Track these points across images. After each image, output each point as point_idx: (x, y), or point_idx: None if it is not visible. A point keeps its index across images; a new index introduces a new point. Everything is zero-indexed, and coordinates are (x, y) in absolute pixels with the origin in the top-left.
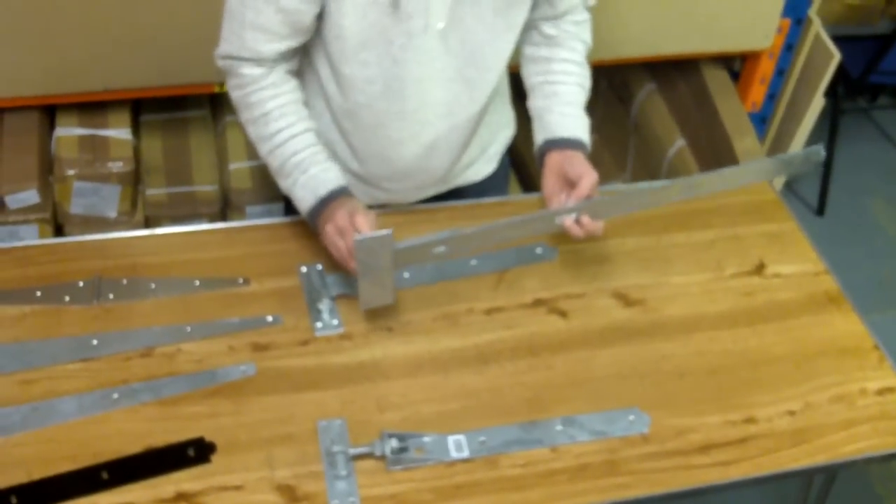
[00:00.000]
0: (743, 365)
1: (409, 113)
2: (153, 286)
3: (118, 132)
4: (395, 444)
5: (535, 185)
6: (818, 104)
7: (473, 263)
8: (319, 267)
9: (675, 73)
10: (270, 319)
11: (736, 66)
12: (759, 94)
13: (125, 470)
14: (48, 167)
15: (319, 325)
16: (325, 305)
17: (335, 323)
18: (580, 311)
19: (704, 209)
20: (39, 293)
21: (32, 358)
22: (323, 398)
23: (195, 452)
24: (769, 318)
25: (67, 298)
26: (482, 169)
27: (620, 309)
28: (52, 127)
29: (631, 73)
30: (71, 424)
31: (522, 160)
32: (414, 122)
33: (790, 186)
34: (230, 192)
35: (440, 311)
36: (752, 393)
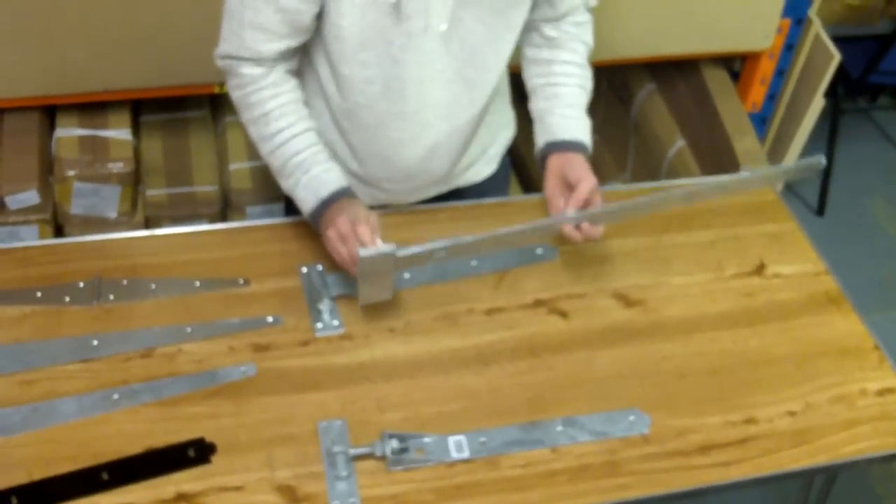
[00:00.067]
0: (743, 365)
1: (409, 114)
2: (153, 287)
3: (118, 133)
4: (395, 444)
5: (535, 185)
6: (818, 104)
7: (474, 264)
8: (320, 267)
9: (675, 73)
10: (271, 320)
11: (736, 66)
12: (759, 94)
13: (125, 470)
14: (48, 168)
15: (320, 325)
16: (325, 306)
17: (335, 323)
18: (581, 311)
19: (705, 209)
20: (40, 294)
21: (33, 358)
22: (323, 399)
23: (195, 453)
24: (769, 318)
25: (68, 299)
26: (483, 170)
27: (621, 309)
28: (52, 127)
29: (631, 73)
30: (71, 425)
31: (523, 161)
32: (414, 123)
33: (790, 187)
34: (230, 192)
35: (441, 311)
36: (752, 393)
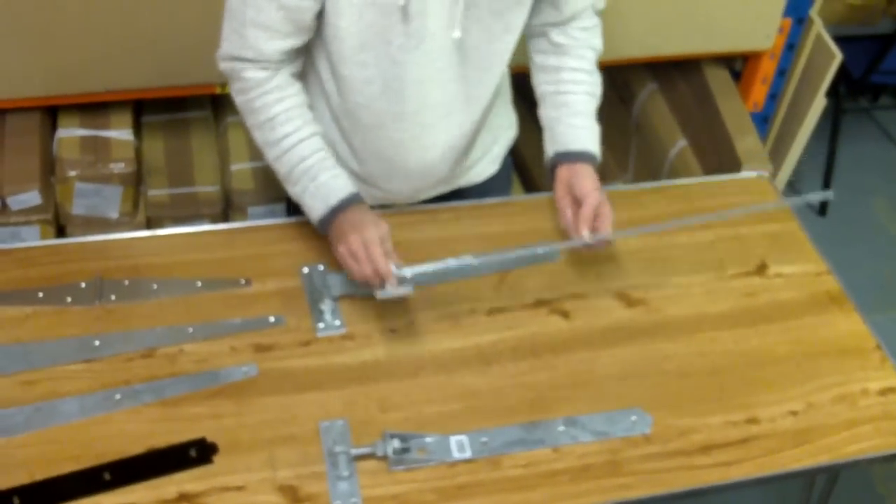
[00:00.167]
0: (745, 365)
1: (408, 114)
2: (155, 287)
3: (120, 133)
4: (397, 444)
5: (537, 185)
6: (820, 104)
7: (475, 264)
8: (321, 267)
9: (676, 73)
10: (272, 320)
11: (737, 66)
12: (760, 94)
13: (127, 471)
14: (50, 168)
15: (321, 325)
16: (327, 306)
17: (337, 323)
18: (582, 311)
19: (706, 209)
20: (41, 294)
21: (34, 359)
22: (325, 399)
23: (197, 453)
24: (771, 318)
25: (69, 299)
26: (485, 170)
27: (622, 309)
28: (53, 128)
29: (632, 73)
30: (73, 425)
31: (524, 161)
32: (414, 123)
33: (792, 186)
34: (232, 192)
35: (442, 311)
36: (754, 393)
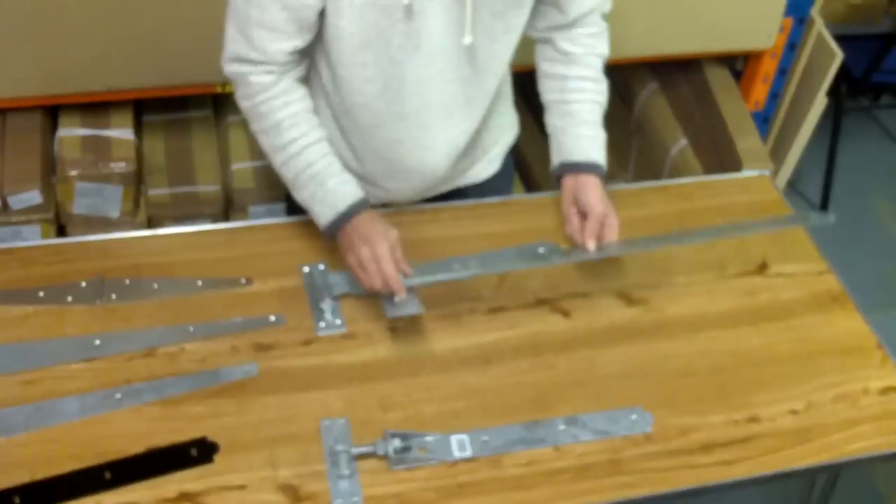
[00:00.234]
0: (746, 364)
1: (408, 115)
2: (156, 286)
3: (121, 132)
4: (397, 443)
5: (538, 184)
6: (821, 103)
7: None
8: (322, 266)
9: (677, 72)
10: (273, 319)
11: (738, 65)
12: (761, 93)
13: (128, 470)
14: (51, 167)
15: (322, 324)
16: (327, 305)
17: (338, 322)
18: (583, 310)
19: (707, 209)
20: (42, 293)
21: (35, 358)
22: (326, 398)
23: (198, 452)
24: (772, 317)
25: (70, 299)
26: (485, 169)
27: (623, 308)
28: (54, 127)
29: (633, 72)
30: (74, 424)
31: (525, 160)
32: (414, 124)
33: (793, 186)
34: (233, 192)
35: (443, 310)
36: (755, 392)
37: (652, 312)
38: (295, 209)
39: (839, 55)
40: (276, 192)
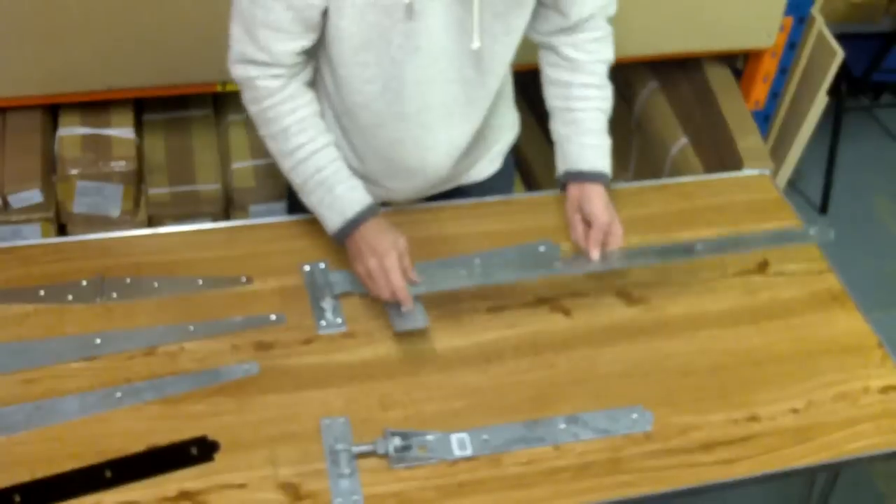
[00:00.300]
0: (746, 363)
1: (409, 115)
2: (156, 285)
3: (121, 131)
4: (398, 442)
5: (538, 183)
6: (821, 102)
7: (476, 262)
8: (322, 265)
9: (677, 71)
10: (273, 318)
11: (739, 64)
12: (761, 92)
13: (128, 468)
14: (51, 166)
15: (323, 323)
16: (328, 304)
17: (338, 321)
18: (583, 309)
19: (707, 207)
20: (42, 292)
21: (35, 357)
22: (326, 396)
23: (198, 451)
24: (772, 316)
25: (70, 297)
26: (486, 168)
27: (623, 307)
28: (55, 126)
29: (633, 71)
30: (74, 423)
31: (526, 159)
32: (415, 124)
33: (793, 185)
34: (233, 191)
35: (443, 309)
36: (755, 391)
37: (652, 311)
38: (296, 208)
39: (839, 54)
40: (276, 190)
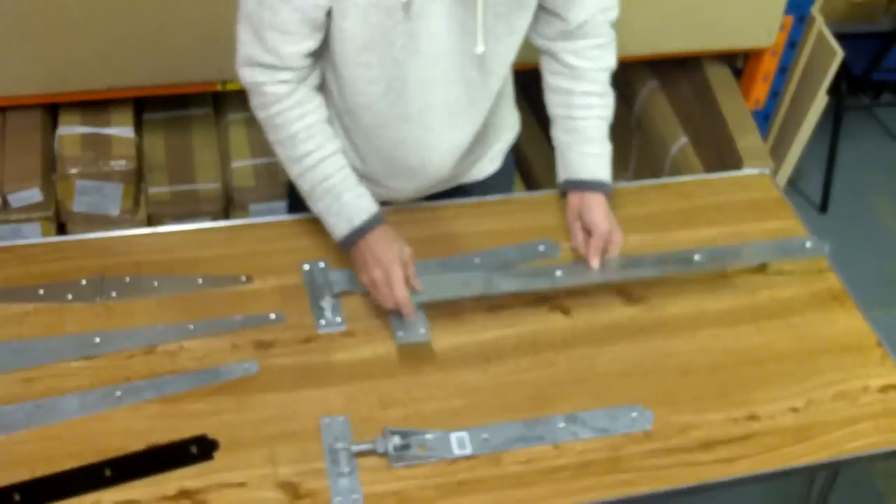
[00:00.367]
0: (746, 362)
1: (412, 116)
2: (156, 284)
3: (121, 130)
4: (397, 441)
5: (538, 183)
6: (821, 101)
7: (476, 261)
8: (322, 264)
9: (677, 70)
10: (273, 317)
11: (739, 63)
12: (761, 91)
13: (128, 467)
14: (51, 165)
15: (322, 322)
16: (327, 303)
17: (338, 320)
18: (583, 308)
19: (707, 206)
20: (42, 291)
21: (35, 356)
22: (326, 395)
23: (198, 450)
24: (772, 315)
25: (70, 296)
26: (486, 167)
27: (623, 306)
28: (54, 125)
29: (633, 70)
30: (74, 422)
31: (526, 159)
32: (418, 124)
33: (793, 184)
34: (233, 190)
35: (443, 308)
36: (754, 390)
37: (652, 310)
38: (297, 207)
39: (839, 53)
40: (276, 189)
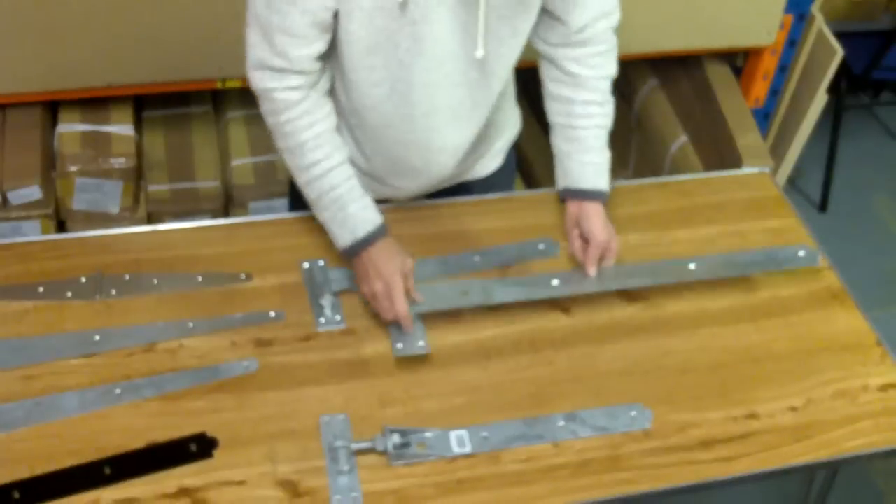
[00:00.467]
0: (745, 361)
1: (417, 117)
2: (155, 282)
3: (120, 128)
4: (397, 439)
5: (538, 181)
6: (821, 100)
7: (476, 260)
8: (322, 262)
9: (677, 68)
10: (273, 315)
11: (738, 61)
12: (761, 90)
13: (127, 465)
14: (50, 163)
15: (322, 320)
16: (327, 301)
17: (337, 318)
18: (583, 306)
19: (707, 205)
20: (42, 289)
21: (35, 353)
22: (325, 393)
23: (197, 448)
24: (771, 314)
25: (70, 294)
26: (488, 164)
27: (623, 305)
28: (54, 123)
29: (633, 69)
30: (73, 420)
31: (526, 157)
32: (423, 126)
33: (793, 183)
34: (232, 188)
35: None
36: (754, 389)
37: (652, 309)
38: (298, 205)
39: (839, 52)
40: (275, 187)
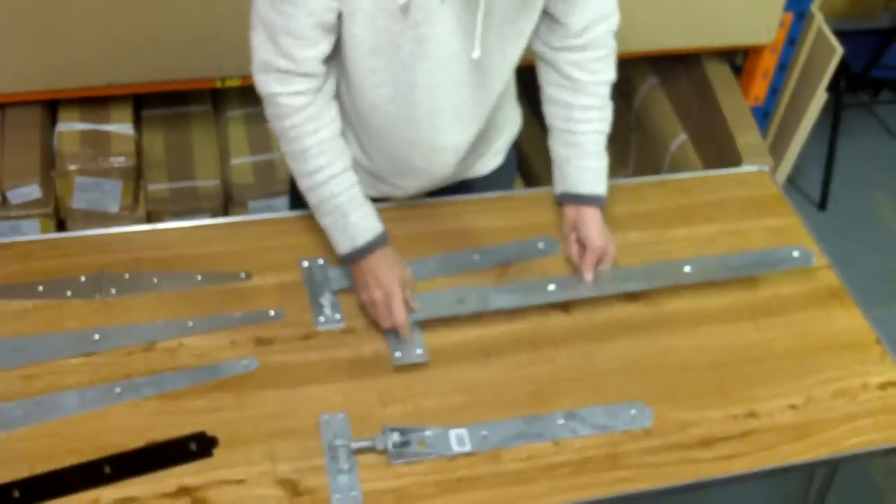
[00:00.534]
0: (745, 359)
1: (420, 118)
2: (155, 281)
3: (120, 127)
4: (396, 438)
5: (538, 180)
6: (820, 99)
7: (476, 258)
8: (321, 261)
9: (677, 67)
10: (272, 314)
11: (738, 60)
12: (761, 88)
13: (127, 464)
14: (50, 162)
15: (321, 319)
16: (326, 300)
17: (337, 317)
18: (582, 305)
19: (707, 204)
20: (41, 288)
21: (34, 352)
22: (325, 392)
23: (197, 446)
24: (771, 312)
25: (69, 293)
26: (489, 162)
27: (623, 303)
28: (53, 122)
29: (633, 67)
30: (73, 419)
31: (525, 156)
32: (425, 127)
33: (792, 181)
34: (232, 187)
35: None
36: (754, 387)
37: (651, 307)
38: (298, 204)
39: (839, 50)
40: (275, 186)
